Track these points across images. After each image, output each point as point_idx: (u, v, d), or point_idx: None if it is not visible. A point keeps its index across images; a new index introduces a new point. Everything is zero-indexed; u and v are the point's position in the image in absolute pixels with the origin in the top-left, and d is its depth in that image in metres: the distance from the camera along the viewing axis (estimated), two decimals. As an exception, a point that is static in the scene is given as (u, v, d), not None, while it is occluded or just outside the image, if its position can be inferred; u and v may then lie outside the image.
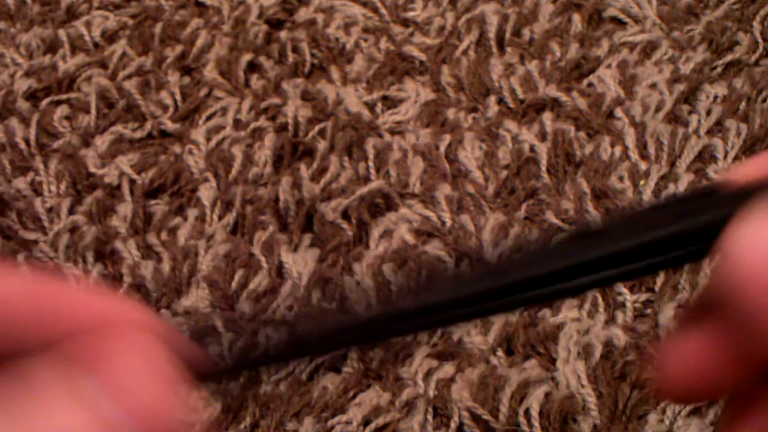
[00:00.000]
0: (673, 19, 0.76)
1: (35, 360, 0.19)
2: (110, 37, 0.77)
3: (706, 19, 0.75)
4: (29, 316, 0.19)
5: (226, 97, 0.72)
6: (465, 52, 0.74)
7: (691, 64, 0.72)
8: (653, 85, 0.71)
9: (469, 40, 0.75)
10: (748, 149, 0.65)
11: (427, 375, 0.54)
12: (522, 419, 0.52)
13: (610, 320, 0.56)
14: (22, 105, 0.71)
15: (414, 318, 0.23)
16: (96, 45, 0.76)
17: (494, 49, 0.75)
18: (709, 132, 0.67)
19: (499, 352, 0.55)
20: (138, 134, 0.69)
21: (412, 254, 0.60)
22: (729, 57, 0.72)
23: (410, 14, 0.78)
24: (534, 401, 0.52)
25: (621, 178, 0.64)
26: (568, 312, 0.57)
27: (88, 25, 0.77)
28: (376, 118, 0.70)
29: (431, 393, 0.53)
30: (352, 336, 0.23)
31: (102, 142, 0.68)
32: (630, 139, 0.66)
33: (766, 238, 0.20)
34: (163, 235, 0.63)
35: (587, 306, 0.57)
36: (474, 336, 0.55)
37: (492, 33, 0.75)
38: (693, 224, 0.22)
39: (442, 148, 0.66)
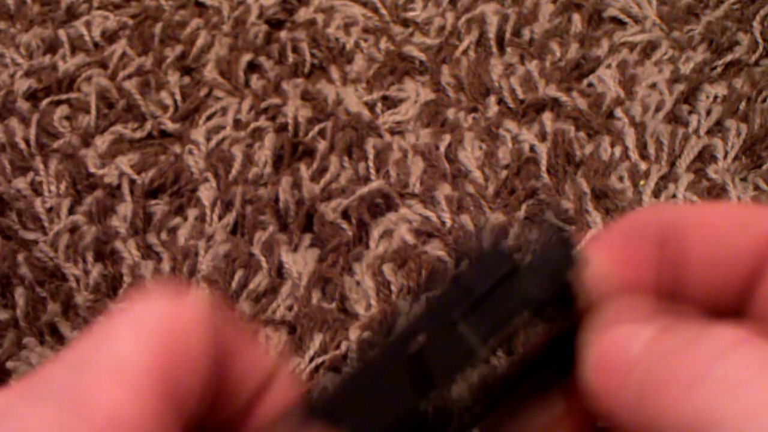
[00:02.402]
0: (673, 19, 0.76)
1: None
2: (110, 37, 0.77)
3: (706, 19, 0.75)
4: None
5: (226, 97, 0.72)
6: (465, 52, 0.74)
7: (691, 64, 0.72)
8: (653, 85, 0.70)
9: (469, 40, 0.75)
10: (748, 149, 0.65)
11: (427, 375, 0.54)
12: (522, 419, 0.52)
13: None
14: (22, 105, 0.71)
15: None
16: (96, 45, 0.76)
17: (494, 49, 0.75)
18: (709, 132, 0.67)
19: (499, 352, 0.55)
20: (138, 134, 0.69)
21: (412, 254, 0.60)
22: (729, 57, 0.72)
23: (410, 14, 0.78)
24: (534, 401, 0.52)
25: (621, 178, 0.64)
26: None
27: (88, 25, 0.77)
28: (376, 118, 0.70)
29: (431, 393, 0.53)
30: None
31: (102, 142, 0.68)
32: (630, 139, 0.66)
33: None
34: (163, 235, 0.63)
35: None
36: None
37: (492, 33, 0.75)
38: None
39: (442, 148, 0.66)
